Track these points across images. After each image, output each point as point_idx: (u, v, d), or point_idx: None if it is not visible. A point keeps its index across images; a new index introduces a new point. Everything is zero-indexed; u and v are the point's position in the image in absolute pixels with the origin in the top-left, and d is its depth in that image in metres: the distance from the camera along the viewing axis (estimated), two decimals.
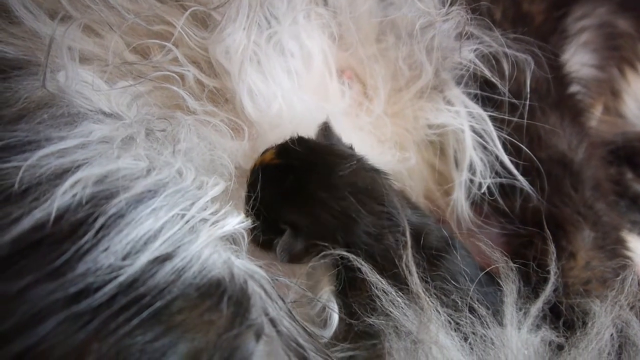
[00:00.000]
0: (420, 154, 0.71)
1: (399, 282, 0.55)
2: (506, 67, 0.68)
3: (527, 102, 0.68)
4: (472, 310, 0.57)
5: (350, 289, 0.58)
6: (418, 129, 0.70)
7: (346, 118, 0.69)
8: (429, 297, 0.53)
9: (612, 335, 0.56)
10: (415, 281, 0.53)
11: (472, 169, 0.69)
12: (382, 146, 0.69)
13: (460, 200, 0.69)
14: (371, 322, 0.55)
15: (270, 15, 0.65)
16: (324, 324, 0.59)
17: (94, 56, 0.60)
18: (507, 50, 0.68)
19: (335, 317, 0.58)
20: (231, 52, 0.62)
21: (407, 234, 0.56)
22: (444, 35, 0.69)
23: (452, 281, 0.59)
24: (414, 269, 0.53)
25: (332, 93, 0.69)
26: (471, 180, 0.69)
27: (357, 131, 0.69)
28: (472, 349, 0.55)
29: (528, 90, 0.67)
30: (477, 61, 0.68)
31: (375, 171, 0.61)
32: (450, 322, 0.55)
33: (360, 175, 0.59)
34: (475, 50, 0.68)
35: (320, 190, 0.58)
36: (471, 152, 0.69)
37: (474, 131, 0.69)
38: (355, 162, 0.60)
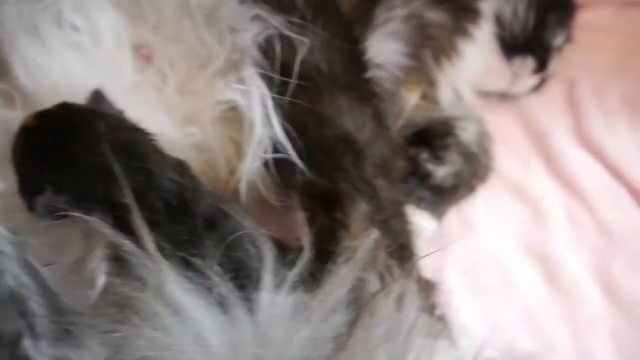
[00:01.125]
0: (214, 131, 0.75)
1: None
2: (286, 49, 0.72)
3: (309, 84, 0.73)
4: (224, 274, 0.61)
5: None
6: (211, 107, 0.74)
7: (137, 94, 0.71)
8: (164, 258, 0.57)
9: (348, 291, 0.61)
10: (149, 243, 0.56)
11: (260, 145, 0.74)
12: (173, 122, 0.72)
13: (248, 175, 0.74)
14: (121, 283, 0.59)
15: None
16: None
17: None
18: (290, 34, 0.73)
19: (100, 280, 0.62)
20: (5, 23, 0.63)
21: (131, 193, 0.57)
22: (234, 18, 0.73)
23: (213, 247, 0.63)
24: (146, 230, 0.57)
25: (124, 70, 0.72)
26: (259, 157, 0.74)
27: (149, 108, 0.72)
28: (216, 308, 0.59)
29: (300, 72, 0.71)
30: (262, 44, 0.72)
31: (138, 131, 0.63)
32: (196, 285, 0.59)
33: (121, 133, 0.62)
34: (259, 33, 0.72)
35: (78, 148, 0.60)
36: (259, 130, 0.73)
37: (262, 110, 0.73)
38: (115, 121, 0.62)
